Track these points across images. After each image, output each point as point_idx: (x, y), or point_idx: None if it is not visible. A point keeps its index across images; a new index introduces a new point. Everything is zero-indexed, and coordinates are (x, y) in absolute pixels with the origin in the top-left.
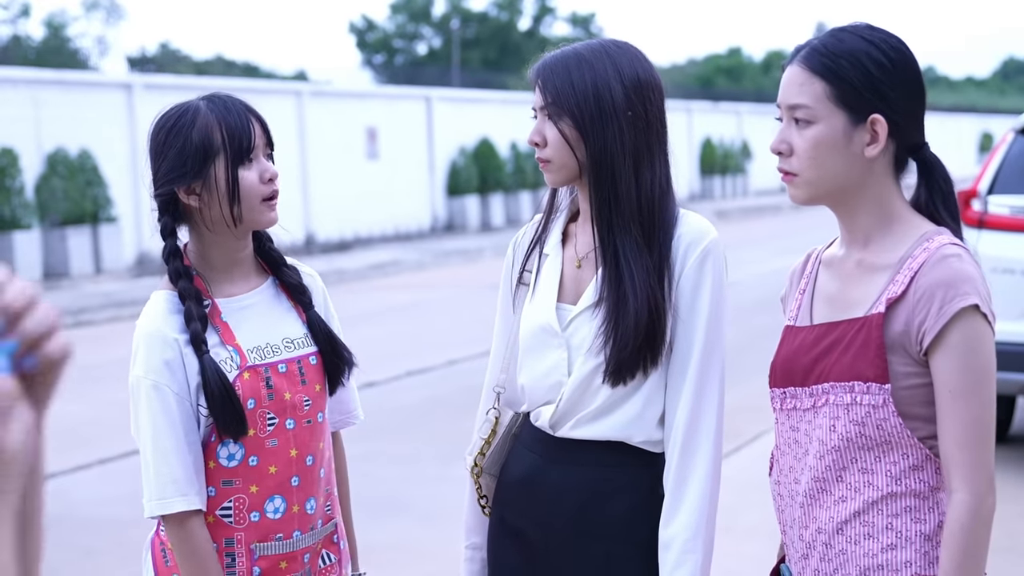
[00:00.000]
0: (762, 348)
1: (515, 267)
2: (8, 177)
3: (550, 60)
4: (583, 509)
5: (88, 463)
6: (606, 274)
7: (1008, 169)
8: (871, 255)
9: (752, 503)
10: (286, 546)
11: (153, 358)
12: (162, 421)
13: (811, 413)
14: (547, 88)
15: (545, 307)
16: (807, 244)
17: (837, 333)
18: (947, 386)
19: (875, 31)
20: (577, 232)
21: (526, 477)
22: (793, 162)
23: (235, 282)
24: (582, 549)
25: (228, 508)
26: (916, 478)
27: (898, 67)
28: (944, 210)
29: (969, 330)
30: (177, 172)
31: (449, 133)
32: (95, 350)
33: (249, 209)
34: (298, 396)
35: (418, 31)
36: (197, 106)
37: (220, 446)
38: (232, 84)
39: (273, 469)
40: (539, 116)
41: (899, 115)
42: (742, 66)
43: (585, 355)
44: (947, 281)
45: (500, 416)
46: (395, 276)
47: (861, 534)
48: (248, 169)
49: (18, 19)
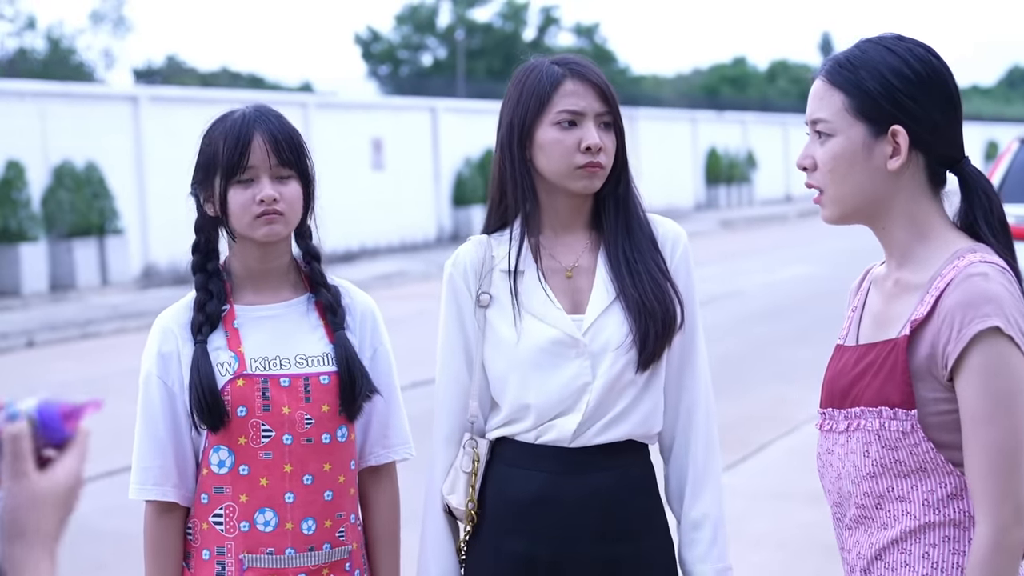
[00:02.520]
0: (765, 358)
1: (471, 293)
2: (15, 189)
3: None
4: (607, 514)
5: (96, 475)
6: (617, 274)
7: (1013, 178)
8: (907, 273)
9: (759, 512)
10: (277, 561)
11: (152, 348)
12: (147, 411)
13: (845, 436)
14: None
15: (554, 320)
16: (812, 254)
17: (873, 355)
18: (969, 412)
19: (902, 41)
20: (549, 245)
21: (537, 497)
22: (817, 177)
23: (260, 292)
24: (606, 555)
25: (219, 516)
26: (955, 507)
27: (922, 77)
28: (985, 225)
29: (991, 353)
30: (195, 179)
31: (454, 143)
32: (102, 362)
33: (239, 225)
34: (299, 412)
35: (423, 42)
36: (229, 115)
37: (212, 452)
38: (238, 96)
39: (264, 481)
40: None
41: (923, 126)
42: (747, 75)
43: (614, 354)
44: (968, 302)
45: (477, 447)
46: (401, 287)
47: (899, 562)
48: (241, 188)
49: (24, 32)
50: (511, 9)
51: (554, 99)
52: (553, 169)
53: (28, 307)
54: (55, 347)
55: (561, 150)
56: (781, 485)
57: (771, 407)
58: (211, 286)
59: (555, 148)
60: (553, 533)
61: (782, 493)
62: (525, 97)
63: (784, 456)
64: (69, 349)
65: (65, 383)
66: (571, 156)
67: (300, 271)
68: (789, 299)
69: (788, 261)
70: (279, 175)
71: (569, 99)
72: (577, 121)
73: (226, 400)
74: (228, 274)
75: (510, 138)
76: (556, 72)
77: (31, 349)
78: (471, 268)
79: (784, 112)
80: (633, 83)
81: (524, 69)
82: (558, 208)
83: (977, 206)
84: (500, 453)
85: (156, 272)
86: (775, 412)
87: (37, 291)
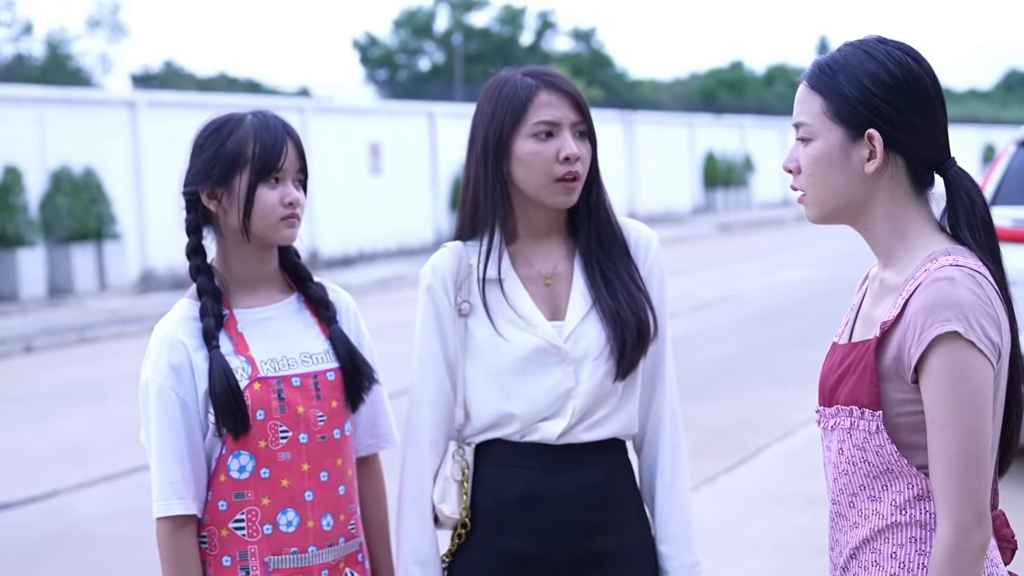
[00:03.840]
0: (762, 361)
1: (451, 301)
2: (12, 195)
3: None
4: (593, 509)
5: (93, 480)
6: (592, 283)
7: (1010, 181)
8: (890, 274)
9: (753, 517)
10: (301, 560)
11: (162, 361)
12: (165, 424)
13: (828, 433)
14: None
15: (536, 329)
16: (810, 258)
17: (853, 355)
18: (931, 415)
19: (883, 44)
20: (526, 252)
21: (526, 494)
22: (800, 180)
23: (256, 295)
24: (593, 548)
25: (241, 521)
26: (921, 508)
27: (898, 81)
28: (966, 227)
29: (951, 357)
30: (204, 174)
31: (452, 148)
32: (100, 367)
33: (263, 226)
34: (312, 411)
35: (421, 47)
36: (243, 117)
37: (231, 458)
38: (236, 101)
39: (285, 482)
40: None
41: (899, 130)
42: (744, 80)
43: (595, 362)
44: (930, 306)
45: (465, 454)
46: (399, 291)
47: (870, 561)
48: (271, 188)
49: (21, 37)
50: (508, 14)
51: (529, 111)
52: (531, 182)
53: (26, 312)
54: (53, 352)
55: (540, 161)
56: (777, 489)
57: (767, 411)
58: (212, 290)
59: (533, 160)
60: (543, 529)
61: (778, 497)
62: (500, 111)
63: (780, 460)
64: (67, 354)
65: (63, 388)
66: (550, 167)
67: (283, 271)
68: (786, 302)
69: (785, 264)
70: (299, 179)
71: (544, 110)
72: (554, 132)
73: (246, 403)
74: (219, 278)
75: (485, 152)
76: (529, 84)
77: (29, 354)
78: (449, 276)
79: (782, 116)
80: (630, 87)
81: (496, 83)
82: (533, 218)
83: (959, 208)
84: (485, 455)
85: (154, 277)
86: (771, 416)
87: (35, 296)
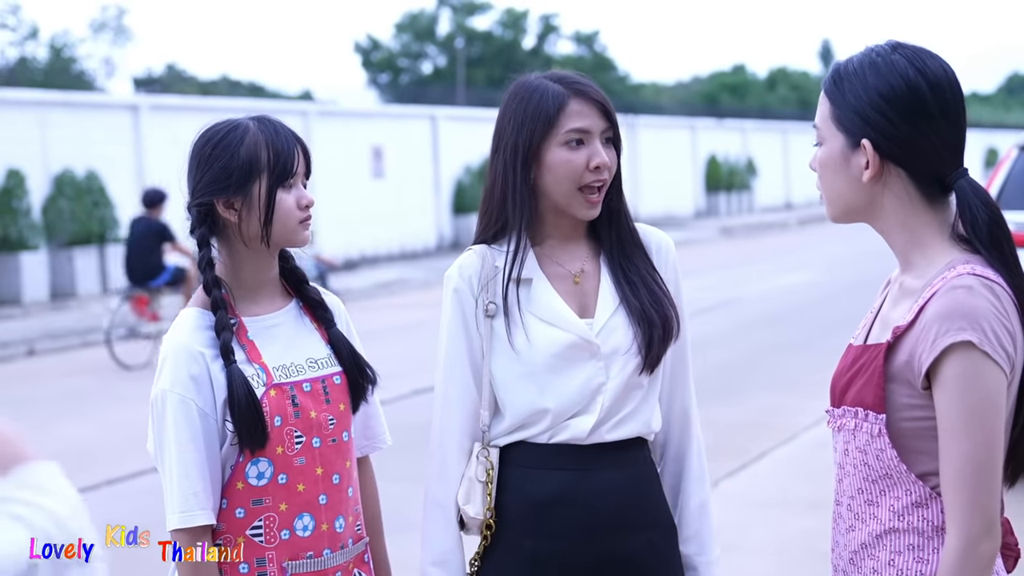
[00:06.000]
0: (765, 364)
1: (477, 304)
2: (15, 198)
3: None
4: (622, 508)
5: (96, 483)
6: (617, 283)
7: (1012, 185)
8: (909, 279)
9: (758, 521)
10: (317, 564)
11: (180, 372)
12: (186, 435)
13: (836, 434)
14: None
15: (568, 325)
16: (812, 261)
17: (865, 357)
18: (943, 424)
19: (894, 52)
20: (552, 252)
21: (557, 495)
22: (818, 180)
23: (261, 302)
24: (621, 548)
25: (259, 527)
26: (919, 516)
27: (896, 93)
28: (977, 238)
29: (964, 366)
30: (220, 184)
31: (454, 151)
32: (102, 371)
33: (283, 230)
34: (323, 415)
35: (423, 50)
36: (247, 124)
37: (249, 465)
38: (238, 104)
39: (301, 487)
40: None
41: (892, 142)
42: (746, 83)
43: (624, 357)
44: (945, 314)
45: (490, 456)
46: (401, 295)
47: (868, 567)
48: (287, 192)
49: (25, 41)
50: (511, 17)
51: (561, 119)
52: (559, 189)
53: (28, 316)
54: (55, 356)
55: (569, 169)
56: (780, 493)
57: (770, 415)
58: (225, 303)
59: (563, 168)
60: (571, 530)
61: (781, 501)
62: (530, 118)
63: (783, 464)
64: (69, 358)
65: (66, 392)
66: (579, 175)
67: (280, 277)
68: (789, 306)
69: (788, 268)
70: (303, 182)
71: (576, 119)
72: (584, 140)
73: (264, 413)
74: (225, 287)
75: (514, 158)
76: (560, 92)
77: (31, 358)
78: (476, 278)
79: (784, 119)
80: (633, 91)
81: (524, 88)
82: (559, 223)
83: (968, 219)
84: (511, 458)
85: None
86: (774, 420)
87: (37, 300)
